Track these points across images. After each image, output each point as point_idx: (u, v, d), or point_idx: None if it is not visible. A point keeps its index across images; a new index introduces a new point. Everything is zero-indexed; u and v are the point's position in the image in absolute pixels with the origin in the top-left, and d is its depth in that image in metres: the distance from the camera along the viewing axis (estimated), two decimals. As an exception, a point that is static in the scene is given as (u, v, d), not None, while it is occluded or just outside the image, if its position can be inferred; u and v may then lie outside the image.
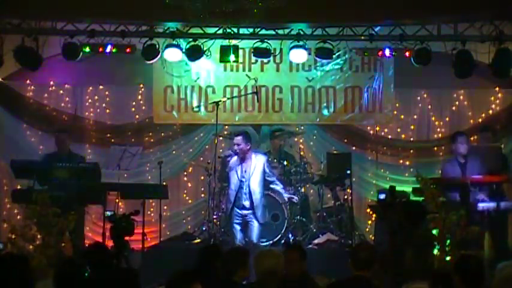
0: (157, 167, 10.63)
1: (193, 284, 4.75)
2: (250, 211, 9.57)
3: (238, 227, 9.62)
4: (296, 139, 11.64)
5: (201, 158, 11.59)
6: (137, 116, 11.77)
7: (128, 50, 10.40)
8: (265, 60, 11.12)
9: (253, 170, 9.55)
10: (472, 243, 7.96)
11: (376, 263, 5.75)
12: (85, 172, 9.42)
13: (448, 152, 11.30)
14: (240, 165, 9.56)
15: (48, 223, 8.00)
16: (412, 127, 11.88)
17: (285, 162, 10.77)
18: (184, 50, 10.33)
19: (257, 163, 9.58)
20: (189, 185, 11.83)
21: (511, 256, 8.34)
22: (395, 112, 11.76)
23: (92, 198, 9.53)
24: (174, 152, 11.82)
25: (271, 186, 9.83)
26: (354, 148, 11.79)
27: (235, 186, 9.57)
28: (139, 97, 11.80)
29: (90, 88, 11.75)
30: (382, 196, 9.69)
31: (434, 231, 7.95)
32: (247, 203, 9.56)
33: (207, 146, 11.67)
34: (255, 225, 9.58)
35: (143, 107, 11.77)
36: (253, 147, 9.88)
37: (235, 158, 9.74)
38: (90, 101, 11.75)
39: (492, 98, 11.74)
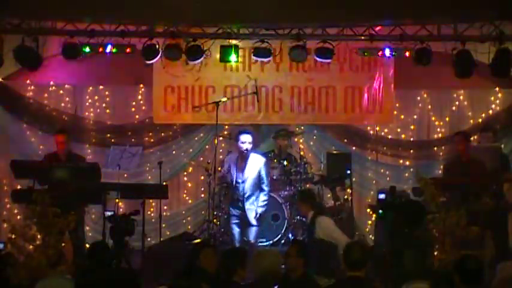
0: (157, 167, 10.64)
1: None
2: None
3: (236, 228, 9.54)
4: (296, 139, 11.64)
5: (201, 158, 11.60)
6: (137, 116, 11.77)
7: (127, 50, 10.37)
8: (265, 60, 11.10)
9: (249, 171, 9.48)
10: (472, 243, 7.95)
11: (369, 262, 5.76)
12: (85, 172, 9.41)
13: (448, 152, 11.34)
14: (237, 164, 9.50)
15: (48, 223, 7.97)
16: (412, 127, 11.88)
17: (285, 162, 10.78)
18: (184, 50, 10.33)
19: (255, 164, 9.51)
20: (189, 185, 11.83)
21: (511, 256, 8.35)
22: (395, 112, 11.75)
23: (92, 198, 9.51)
24: (174, 152, 11.82)
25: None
26: (354, 148, 11.79)
27: (233, 185, 9.51)
28: (139, 97, 11.79)
29: (90, 88, 11.74)
30: (382, 196, 9.70)
31: (434, 231, 7.94)
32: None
33: (207, 146, 11.67)
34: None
35: (143, 107, 11.77)
36: (253, 148, 9.84)
37: (232, 156, 9.69)
38: (90, 101, 11.74)
39: (492, 98, 11.73)
